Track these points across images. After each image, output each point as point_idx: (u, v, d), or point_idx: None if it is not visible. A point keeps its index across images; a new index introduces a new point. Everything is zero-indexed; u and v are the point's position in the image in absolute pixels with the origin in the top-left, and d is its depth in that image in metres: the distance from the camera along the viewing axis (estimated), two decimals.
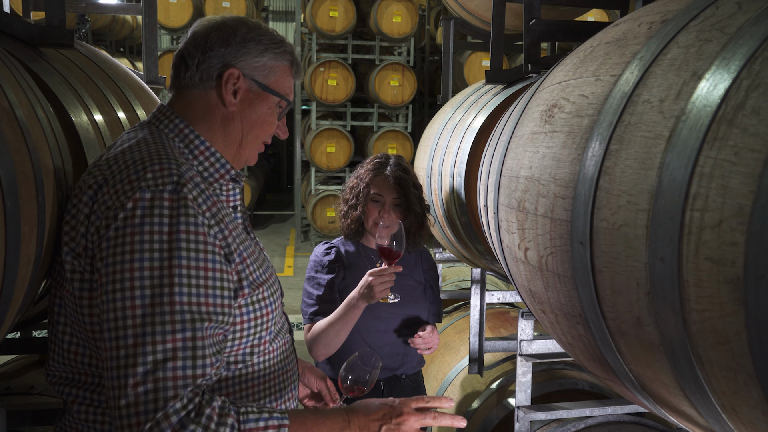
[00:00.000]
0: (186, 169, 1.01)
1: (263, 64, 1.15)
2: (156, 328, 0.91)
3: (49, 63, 1.51)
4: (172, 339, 0.92)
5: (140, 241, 0.93)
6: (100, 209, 0.98)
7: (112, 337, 0.91)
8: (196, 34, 1.14)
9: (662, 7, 1.14)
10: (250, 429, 0.95)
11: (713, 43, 0.91)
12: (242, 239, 1.11)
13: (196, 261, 0.96)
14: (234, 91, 1.13)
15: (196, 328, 0.94)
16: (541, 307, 1.31)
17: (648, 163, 0.92)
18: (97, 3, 2.39)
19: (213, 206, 1.04)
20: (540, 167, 1.21)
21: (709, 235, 0.80)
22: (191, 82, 1.13)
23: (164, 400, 0.89)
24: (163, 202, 0.96)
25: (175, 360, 0.91)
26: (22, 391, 1.82)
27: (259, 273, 1.11)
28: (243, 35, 1.13)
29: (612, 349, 1.08)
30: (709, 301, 0.81)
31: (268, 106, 1.17)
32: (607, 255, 1.00)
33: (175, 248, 0.94)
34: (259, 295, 1.10)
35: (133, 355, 0.90)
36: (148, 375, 0.89)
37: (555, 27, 1.76)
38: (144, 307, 0.91)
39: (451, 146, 2.29)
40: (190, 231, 0.97)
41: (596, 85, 1.13)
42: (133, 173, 0.98)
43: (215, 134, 1.14)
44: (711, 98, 0.84)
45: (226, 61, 1.12)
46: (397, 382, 1.97)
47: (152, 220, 0.94)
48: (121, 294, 0.92)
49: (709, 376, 0.86)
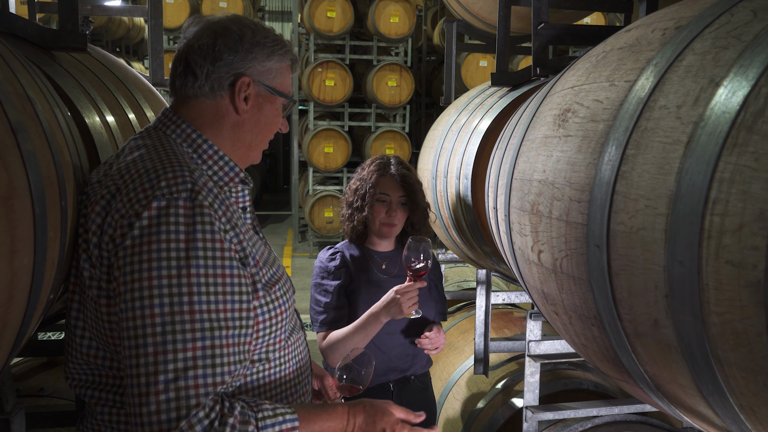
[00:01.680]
0: (199, 176, 1.02)
1: (270, 68, 1.15)
2: (176, 336, 0.92)
3: (63, 66, 1.51)
4: (192, 347, 0.93)
5: (157, 249, 0.94)
6: (114, 219, 0.98)
7: (132, 345, 0.92)
8: (201, 41, 1.11)
9: (675, 13, 1.15)
10: None
11: (730, 50, 0.93)
12: (254, 241, 1.13)
13: (214, 269, 0.97)
14: (245, 97, 1.13)
15: (215, 336, 0.96)
16: (554, 308, 1.33)
17: (666, 168, 0.94)
18: (102, 5, 2.39)
19: (227, 211, 1.05)
20: (554, 171, 1.23)
21: (729, 239, 0.81)
22: (200, 92, 1.12)
23: (187, 409, 0.91)
24: (179, 210, 0.96)
25: (195, 368, 0.93)
26: (32, 393, 1.82)
27: (271, 273, 1.12)
28: (250, 40, 1.12)
29: (627, 350, 1.09)
30: (730, 304, 0.82)
31: (275, 107, 1.18)
32: (624, 258, 1.01)
33: (193, 256, 0.95)
34: (272, 295, 1.11)
35: (154, 364, 0.91)
36: (169, 384, 0.91)
37: (563, 31, 1.78)
38: (163, 316, 0.92)
39: (457, 148, 2.30)
40: (207, 239, 0.97)
41: (611, 91, 1.14)
42: (147, 182, 0.98)
43: (224, 139, 1.14)
44: (730, 105, 0.86)
45: (236, 69, 1.11)
46: (406, 383, 1.99)
47: (168, 228, 0.95)
48: (140, 303, 0.92)
49: (728, 378, 0.88)
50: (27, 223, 0.86)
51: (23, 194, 0.85)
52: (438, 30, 9.12)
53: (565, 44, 1.81)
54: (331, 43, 8.69)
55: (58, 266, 1.05)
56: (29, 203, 0.86)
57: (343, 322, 1.90)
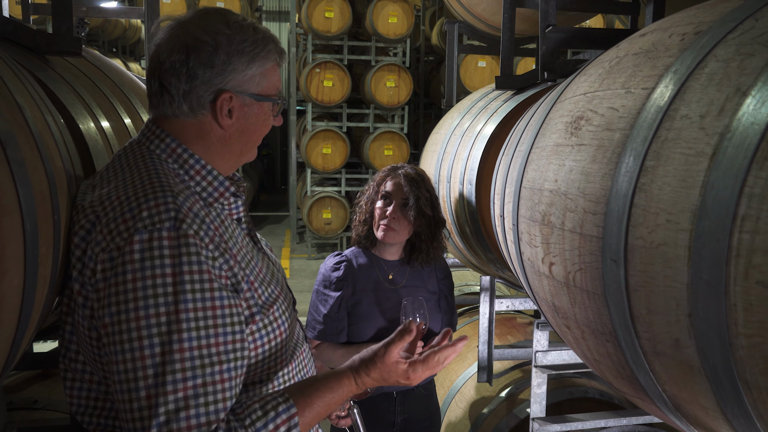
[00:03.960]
0: (183, 200, 0.96)
1: (252, 75, 1.06)
2: (167, 378, 0.88)
3: (56, 71, 1.46)
4: (183, 387, 0.89)
5: (143, 287, 0.89)
6: (95, 252, 0.93)
7: (124, 389, 0.89)
8: (172, 57, 1.01)
9: (694, 17, 1.11)
10: None
11: (756, 57, 0.89)
12: (248, 259, 1.07)
13: (203, 302, 0.92)
14: (229, 111, 1.05)
15: (206, 373, 0.91)
16: (566, 322, 1.29)
17: (689, 181, 0.89)
18: (98, 7, 2.34)
19: (215, 235, 0.99)
20: (567, 181, 1.18)
21: (760, 259, 0.77)
22: (180, 112, 1.04)
23: None
24: (163, 242, 0.91)
25: (187, 409, 0.89)
26: (25, 406, 1.77)
27: (268, 293, 1.07)
28: (226, 50, 1.02)
29: (645, 368, 1.05)
30: (760, 327, 0.78)
31: (264, 111, 1.11)
32: (644, 274, 0.97)
33: (180, 291, 0.90)
34: (271, 316, 1.06)
35: (147, 408, 0.88)
36: (162, 428, 0.87)
37: (571, 34, 1.74)
38: (153, 357, 0.88)
39: (461, 153, 2.26)
40: (194, 270, 0.92)
41: (627, 98, 1.10)
42: (128, 212, 0.93)
43: (212, 153, 1.08)
44: (759, 116, 0.82)
45: (215, 85, 1.02)
46: (410, 391, 1.95)
47: (153, 263, 0.90)
48: (129, 345, 0.88)
49: (756, 402, 0.84)
50: (17, 241, 0.81)
51: (12, 211, 0.80)
52: (436, 30, 9.08)
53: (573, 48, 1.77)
54: (329, 43, 8.64)
55: (50, 283, 1.00)
56: (19, 220, 0.82)
57: (339, 335, 1.88)
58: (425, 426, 2.04)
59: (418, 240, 1.94)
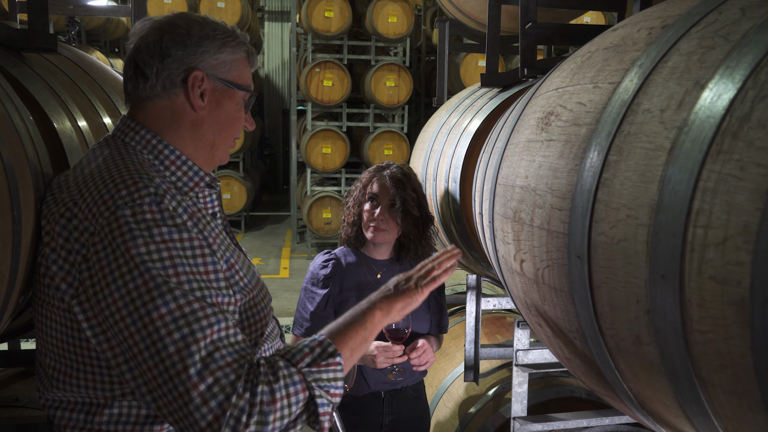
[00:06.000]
0: (159, 182, 0.97)
1: (223, 61, 1.10)
2: (193, 327, 0.87)
3: (32, 68, 1.46)
4: (210, 333, 0.88)
5: (138, 254, 0.89)
6: (75, 236, 0.93)
7: (152, 354, 0.87)
8: (147, 40, 1.07)
9: (662, 12, 1.10)
10: (301, 358, 0.94)
11: (716, 50, 0.87)
12: (227, 245, 1.08)
13: (196, 266, 0.93)
14: (201, 93, 1.08)
15: (227, 318, 0.92)
16: (538, 320, 1.28)
17: (648, 175, 0.88)
18: (86, 5, 2.34)
19: (193, 216, 1.00)
20: (536, 177, 1.17)
21: (713, 254, 0.76)
22: (153, 93, 1.07)
23: (231, 386, 0.86)
24: (146, 215, 0.92)
25: (219, 350, 0.88)
26: (6, 404, 1.77)
27: (247, 279, 1.08)
28: (198, 34, 1.08)
29: (611, 366, 1.04)
30: (713, 323, 0.77)
31: (235, 102, 1.13)
32: (606, 270, 0.96)
33: (175, 255, 0.91)
34: (250, 302, 1.07)
35: (181, 360, 0.86)
36: (203, 372, 0.86)
37: (552, 30, 1.72)
38: (172, 312, 0.87)
39: (446, 150, 2.25)
40: (184, 238, 0.93)
41: (594, 93, 1.09)
42: (106, 193, 0.94)
43: (185, 141, 1.09)
44: (715, 109, 0.81)
45: (186, 64, 1.07)
46: (398, 391, 1.95)
47: (142, 234, 0.90)
48: (145, 310, 0.87)
49: (713, 400, 0.82)
50: None
51: None
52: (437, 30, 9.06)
53: (554, 44, 1.75)
54: (329, 43, 8.64)
55: (10, 280, 1.00)
56: None
57: None
58: (414, 427, 2.03)
59: (406, 239, 1.93)
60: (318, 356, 0.95)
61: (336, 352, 0.97)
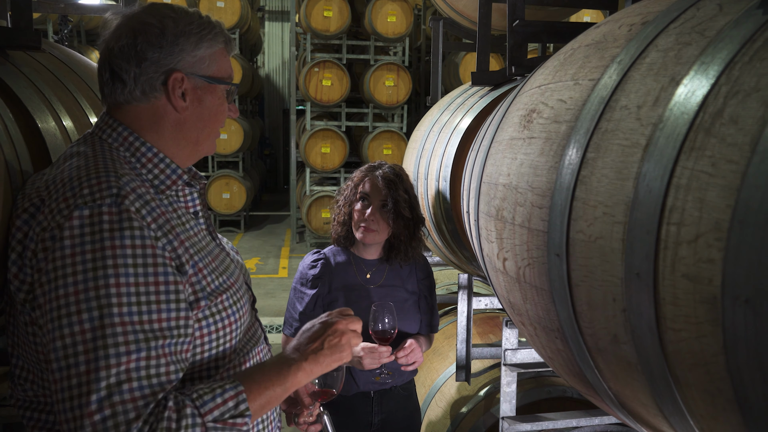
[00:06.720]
0: (127, 180, 0.95)
1: (201, 57, 1.07)
2: (109, 351, 0.86)
3: (16, 66, 1.45)
4: (126, 361, 0.86)
5: (82, 261, 0.87)
6: (36, 233, 0.92)
7: (62, 366, 0.86)
8: (120, 42, 1.02)
9: (643, 8, 1.09)
10: (210, 410, 0.92)
11: (692, 46, 0.87)
12: (200, 246, 1.06)
13: (145, 276, 0.90)
14: (182, 94, 1.06)
15: (150, 347, 0.89)
16: (521, 318, 1.27)
17: (624, 172, 0.87)
18: (76, 3, 2.33)
19: (160, 217, 0.98)
20: (518, 175, 1.16)
21: (685, 251, 0.75)
22: (132, 97, 1.04)
23: (126, 424, 0.84)
24: (103, 216, 0.90)
25: (130, 381, 0.86)
26: None
27: (220, 281, 1.06)
28: (172, 31, 1.04)
29: (590, 365, 1.03)
30: (686, 321, 0.76)
31: (217, 96, 1.11)
32: (584, 268, 0.95)
33: (121, 264, 0.89)
34: (219, 305, 1.04)
35: (87, 383, 0.84)
36: (103, 402, 0.84)
37: (540, 28, 1.72)
38: (94, 330, 0.86)
39: (437, 149, 2.24)
40: (137, 245, 0.91)
41: (575, 90, 1.08)
42: (69, 191, 0.92)
43: (166, 141, 1.08)
44: (689, 105, 0.80)
45: (165, 66, 1.03)
46: (388, 391, 1.94)
47: (93, 238, 0.89)
48: (67, 320, 0.86)
49: (687, 399, 0.82)
50: None
51: None
52: None
53: (542, 42, 1.75)
54: (328, 42, 8.63)
55: None
56: None
57: None
58: (404, 426, 2.02)
59: (396, 240, 1.92)
60: (227, 412, 0.94)
61: (246, 412, 0.96)
